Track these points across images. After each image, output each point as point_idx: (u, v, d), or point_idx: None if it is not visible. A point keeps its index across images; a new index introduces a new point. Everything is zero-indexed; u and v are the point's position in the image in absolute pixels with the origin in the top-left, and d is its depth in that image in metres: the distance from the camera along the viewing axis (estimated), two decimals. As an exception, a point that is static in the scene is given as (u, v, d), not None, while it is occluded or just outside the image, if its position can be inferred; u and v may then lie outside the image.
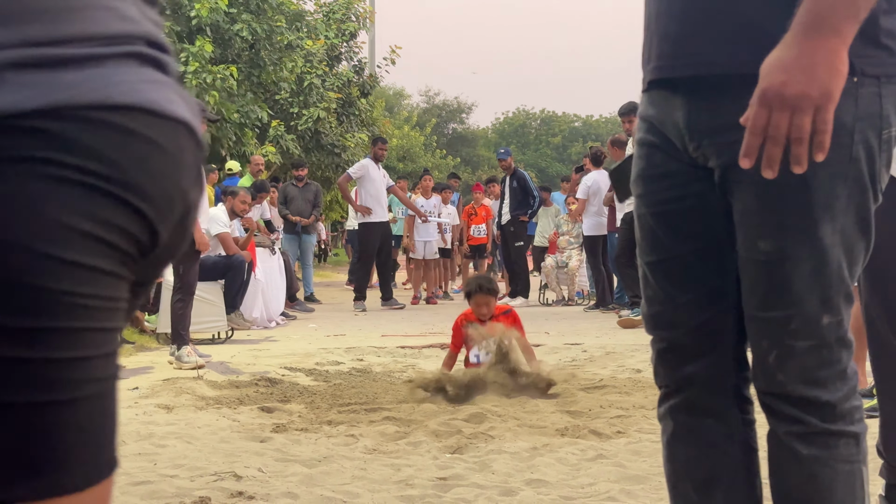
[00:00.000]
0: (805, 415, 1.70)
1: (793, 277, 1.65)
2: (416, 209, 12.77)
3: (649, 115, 1.81)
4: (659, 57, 1.76)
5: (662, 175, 1.79)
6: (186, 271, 6.79)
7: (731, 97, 1.62)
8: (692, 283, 1.79)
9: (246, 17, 15.73)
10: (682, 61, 1.71)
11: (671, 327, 1.83)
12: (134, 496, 3.25)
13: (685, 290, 1.80)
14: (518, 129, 61.17)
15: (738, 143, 1.52)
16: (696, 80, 1.69)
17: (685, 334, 1.81)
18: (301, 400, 5.25)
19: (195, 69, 14.20)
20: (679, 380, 1.84)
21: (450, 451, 4.01)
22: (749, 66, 1.55)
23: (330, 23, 19.45)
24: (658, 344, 1.86)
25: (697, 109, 1.70)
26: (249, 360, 7.04)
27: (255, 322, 9.49)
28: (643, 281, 1.87)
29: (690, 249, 1.78)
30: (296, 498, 3.25)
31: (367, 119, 20.36)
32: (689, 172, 1.76)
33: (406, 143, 37.16)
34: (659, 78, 1.76)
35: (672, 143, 1.77)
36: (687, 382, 1.83)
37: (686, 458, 1.86)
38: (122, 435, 4.28)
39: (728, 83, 1.64)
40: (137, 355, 7.36)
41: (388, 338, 8.48)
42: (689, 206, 1.77)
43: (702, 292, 1.79)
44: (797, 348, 1.67)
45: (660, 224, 1.81)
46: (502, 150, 13.50)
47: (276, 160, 15.74)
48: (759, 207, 1.65)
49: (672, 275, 1.81)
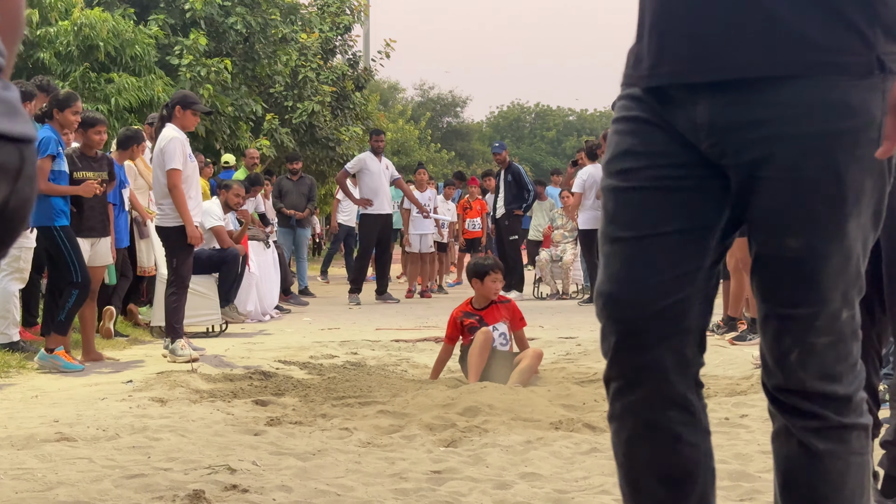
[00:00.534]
0: (822, 410, 1.69)
1: (822, 274, 1.64)
2: (419, 204, 12.75)
3: (651, 102, 1.76)
4: (678, 59, 1.69)
5: (662, 153, 1.74)
6: (180, 264, 6.77)
7: (766, 95, 1.61)
8: (668, 264, 1.73)
9: (240, 10, 15.69)
10: (714, 64, 1.65)
11: (635, 308, 1.73)
12: (128, 489, 3.25)
13: (659, 270, 1.73)
14: (513, 122, 61.13)
15: (772, 139, 1.55)
16: (709, 83, 1.67)
17: (650, 318, 1.73)
18: (295, 393, 5.25)
19: (189, 62, 14.16)
20: (640, 368, 1.75)
21: (444, 444, 4.02)
22: (786, 68, 1.57)
23: (324, 16, 19.40)
24: (616, 329, 1.75)
25: (722, 106, 1.66)
26: (243, 353, 7.03)
27: (250, 315, 9.48)
28: (606, 259, 1.78)
29: (676, 228, 1.73)
30: (290, 491, 3.25)
31: (361, 113, 20.32)
32: (693, 157, 1.72)
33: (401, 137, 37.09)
34: (679, 82, 1.70)
35: (677, 131, 1.73)
36: (649, 371, 1.74)
37: (651, 456, 1.79)
38: (116, 428, 4.30)
39: (761, 82, 1.63)
40: (131, 348, 7.35)
41: (383, 331, 8.48)
42: (687, 185, 1.73)
43: (675, 273, 1.73)
44: (818, 345, 1.66)
45: (649, 199, 1.74)
46: (497, 143, 13.49)
47: (270, 154, 15.72)
48: (790, 204, 1.64)
49: (648, 253, 1.73)
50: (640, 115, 1.77)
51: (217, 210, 9.01)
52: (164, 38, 14.44)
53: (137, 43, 13.28)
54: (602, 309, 1.78)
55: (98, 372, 6.10)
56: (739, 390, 5.19)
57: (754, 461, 3.61)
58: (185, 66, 14.12)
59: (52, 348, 6.05)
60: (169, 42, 14.59)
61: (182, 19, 15.28)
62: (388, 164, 12.03)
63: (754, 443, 3.91)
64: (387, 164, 11.94)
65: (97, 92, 12.67)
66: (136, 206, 8.29)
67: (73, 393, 5.29)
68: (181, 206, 6.67)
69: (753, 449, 3.79)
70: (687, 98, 1.70)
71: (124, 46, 13.17)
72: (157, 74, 13.53)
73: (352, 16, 20.42)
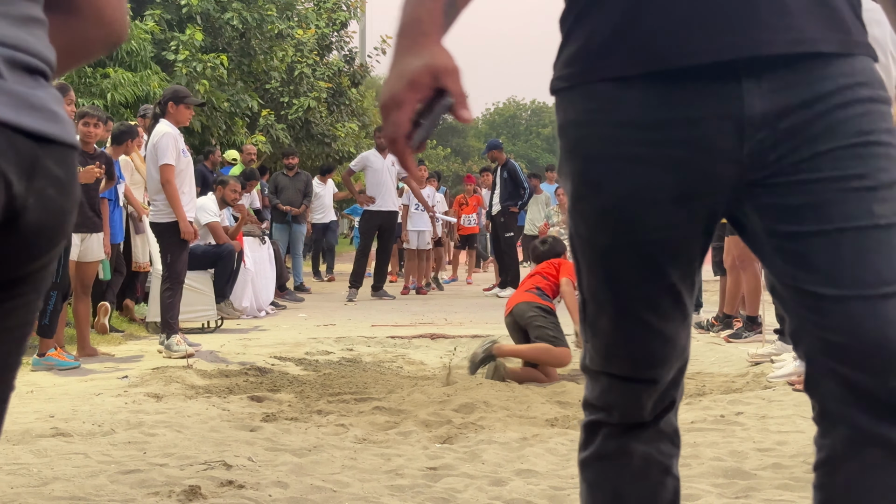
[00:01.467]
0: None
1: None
2: (425, 203, 12.73)
3: (658, 118, 1.44)
4: (709, 35, 1.40)
5: (685, 196, 1.47)
6: (175, 260, 6.77)
7: (822, 70, 1.43)
8: (675, 310, 1.55)
9: (236, 6, 15.67)
10: (765, 37, 1.40)
11: (660, 365, 1.56)
12: (123, 485, 3.25)
13: (669, 318, 1.54)
14: (508, 119, 61.16)
15: (845, 106, 1.40)
16: (758, 61, 1.42)
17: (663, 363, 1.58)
18: (291, 389, 5.25)
19: (185, 57, 14.13)
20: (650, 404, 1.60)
21: (440, 440, 4.02)
22: (839, 46, 1.43)
23: (321, 12, 19.39)
24: (638, 375, 1.58)
25: (771, 90, 1.42)
26: (239, 349, 7.03)
27: (245, 311, 9.48)
28: (618, 330, 1.55)
29: (678, 276, 1.53)
30: (286, 487, 3.25)
31: (357, 109, 20.32)
32: (723, 180, 1.46)
33: (396, 133, 37.08)
34: (706, 63, 1.41)
35: (710, 146, 1.44)
36: (653, 403, 1.60)
37: (643, 494, 1.63)
38: (111, 423, 4.29)
39: (809, 58, 1.44)
40: (127, 344, 7.34)
41: (378, 328, 8.48)
42: (699, 229, 1.51)
43: (683, 319, 1.57)
44: None
45: (664, 251, 1.50)
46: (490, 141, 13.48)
47: (266, 149, 15.70)
48: (871, 168, 1.41)
49: (662, 306, 1.53)
50: (647, 153, 1.46)
51: (212, 206, 9.00)
52: (161, 34, 14.40)
53: (133, 38, 13.24)
54: (624, 367, 1.62)
55: (93, 368, 6.09)
56: (735, 388, 5.20)
57: (749, 458, 3.62)
58: (181, 61, 14.09)
59: (43, 352, 6.03)
60: (165, 37, 14.56)
61: (178, 14, 15.26)
62: (394, 161, 11.96)
63: (749, 440, 3.92)
64: (392, 161, 11.90)
65: (93, 87, 12.63)
66: (132, 202, 8.28)
67: (68, 388, 5.28)
68: (174, 202, 6.67)
69: (749, 446, 3.80)
70: (715, 91, 1.43)
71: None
72: (153, 70, 13.50)
73: (348, 12, 20.41)
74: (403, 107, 1.39)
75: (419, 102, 1.39)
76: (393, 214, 11.94)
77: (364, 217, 12.09)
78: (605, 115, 1.47)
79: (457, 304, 11.38)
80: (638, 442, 1.62)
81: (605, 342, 1.58)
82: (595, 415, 1.66)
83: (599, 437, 1.65)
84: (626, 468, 1.62)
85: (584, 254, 1.56)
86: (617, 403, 1.61)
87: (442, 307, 10.81)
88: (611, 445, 1.64)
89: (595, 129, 1.48)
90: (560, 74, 1.54)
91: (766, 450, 3.74)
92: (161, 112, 6.91)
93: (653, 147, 1.44)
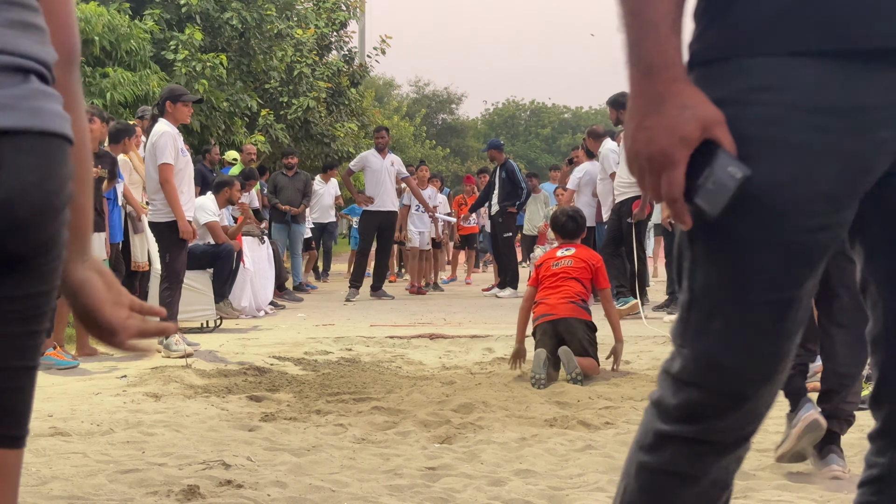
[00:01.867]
0: None
1: None
2: (426, 204, 12.73)
3: (833, 104, 1.30)
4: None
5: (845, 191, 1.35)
6: (173, 260, 6.76)
7: None
8: (801, 320, 1.41)
9: (236, 6, 15.66)
10: None
11: (766, 381, 1.41)
12: (122, 484, 3.25)
13: (793, 328, 1.39)
14: (507, 119, 61.13)
15: None
16: None
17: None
18: (290, 389, 5.25)
19: (185, 57, 14.13)
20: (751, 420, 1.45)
21: (438, 440, 4.02)
22: None
23: (320, 12, 19.37)
24: (738, 389, 1.41)
25: None
26: (238, 349, 7.03)
27: (244, 311, 9.48)
28: (733, 336, 1.38)
29: (815, 282, 1.40)
30: (284, 487, 3.25)
31: (356, 109, 20.30)
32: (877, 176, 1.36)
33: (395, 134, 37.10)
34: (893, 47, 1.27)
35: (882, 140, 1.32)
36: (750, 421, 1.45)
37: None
38: (110, 423, 4.29)
39: None
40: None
41: (377, 328, 8.48)
42: (845, 230, 1.40)
43: (800, 331, 1.43)
44: None
45: (815, 251, 1.36)
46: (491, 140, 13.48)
47: (265, 149, 15.70)
48: None
49: (791, 312, 1.38)
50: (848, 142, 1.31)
51: (211, 205, 9.00)
52: (160, 33, 14.39)
53: (133, 37, 13.23)
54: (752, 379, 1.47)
55: (92, 367, 6.09)
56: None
57: (748, 459, 3.61)
58: (181, 61, 14.08)
59: (42, 351, 6.01)
60: (164, 37, 14.55)
61: (177, 14, 15.25)
62: (395, 161, 12.00)
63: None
64: (392, 161, 11.92)
65: (92, 87, 12.62)
66: (131, 201, 8.28)
67: (67, 388, 5.28)
68: (172, 201, 6.67)
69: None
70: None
71: (119, 41, 13.12)
72: (153, 69, 13.49)
73: (347, 12, 20.39)
74: (679, 165, 1.28)
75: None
76: (392, 214, 11.95)
77: (363, 217, 12.11)
78: (770, 95, 1.30)
79: (456, 304, 11.38)
80: (712, 466, 1.45)
81: (708, 350, 1.39)
82: (670, 425, 1.45)
83: (670, 451, 1.46)
84: (692, 488, 1.46)
85: (709, 245, 1.37)
86: (702, 418, 1.42)
87: (441, 307, 10.81)
88: (682, 464, 1.45)
89: (757, 110, 1.31)
90: (709, 43, 1.37)
91: (764, 450, 3.74)
92: (160, 112, 6.91)
93: (822, 134, 1.29)
